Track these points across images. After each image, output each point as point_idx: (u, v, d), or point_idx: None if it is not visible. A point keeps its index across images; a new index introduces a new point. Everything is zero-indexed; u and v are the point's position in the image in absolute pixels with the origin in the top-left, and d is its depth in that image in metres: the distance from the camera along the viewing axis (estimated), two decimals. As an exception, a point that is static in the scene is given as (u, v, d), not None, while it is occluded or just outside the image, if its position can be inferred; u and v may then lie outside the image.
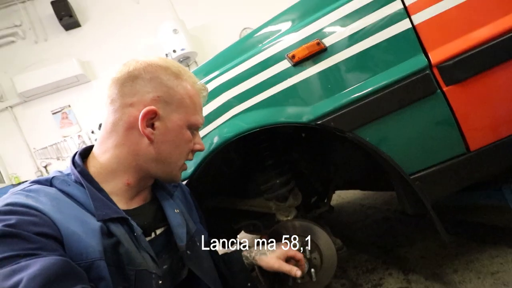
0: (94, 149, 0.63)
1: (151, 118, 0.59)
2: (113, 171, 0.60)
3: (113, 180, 0.60)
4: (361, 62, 0.86)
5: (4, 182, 4.26)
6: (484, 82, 0.81)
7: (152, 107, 0.58)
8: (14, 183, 4.16)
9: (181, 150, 0.65)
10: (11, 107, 4.34)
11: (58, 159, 4.41)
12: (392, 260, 1.36)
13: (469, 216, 1.47)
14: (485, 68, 0.80)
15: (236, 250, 0.88)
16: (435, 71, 0.83)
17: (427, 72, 0.83)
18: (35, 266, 0.38)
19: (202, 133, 0.96)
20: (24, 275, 0.37)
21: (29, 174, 4.35)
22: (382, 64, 0.86)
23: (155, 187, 0.72)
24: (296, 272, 0.80)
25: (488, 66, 0.80)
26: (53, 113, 4.40)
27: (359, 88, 0.86)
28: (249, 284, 0.83)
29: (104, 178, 0.59)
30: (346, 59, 0.86)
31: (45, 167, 4.43)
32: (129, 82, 0.59)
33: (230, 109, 0.93)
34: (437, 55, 0.83)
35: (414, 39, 0.84)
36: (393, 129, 0.87)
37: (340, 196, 2.70)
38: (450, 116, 0.85)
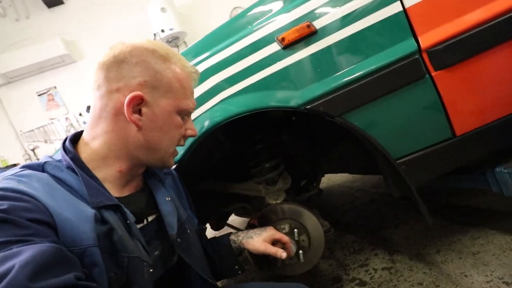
0: (84, 135, 0.61)
1: (137, 104, 0.57)
2: (104, 158, 0.58)
3: (105, 167, 0.59)
4: (351, 46, 0.85)
5: (-9, 165, 4.19)
6: (472, 67, 0.82)
7: (138, 93, 0.56)
8: (1, 166, 4.08)
9: (170, 136, 0.62)
10: (-6, 88, 4.19)
11: (46, 142, 4.32)
12: (378, 241, 1.40)
13: (454, 199, 1.52)
14: (474, 53, 0.81)
15: (224, 235, 0.89)
16: (424, 55, 0.83)
17: (416, 56, 0.83)
18: (27, 252, 0.37)
19: (192, 116, 0.95)
20: (16, 262, 0.36)
21: (17, 157, 4.27)
22: (372, 49, 0.85)
23: (146, 174, 0.71)
24: (282, 254, 0.81)
25: (477, 51, 0.80)
26: (38, 95, 4.26)
27: (348, 72, 0.85)
28: (236, 267, 0.84)
29: (96, 165, 0.58)
30: (336, 42, 0.85)
31: (33, 150, 4.34)
32: (114, 67, 0.57)
33: (219, 92, 0.92)
34: (427, 40, 0.82)
35: (404, 22, 0.83)
36: (381, 114, 0.87)
37: (330, 179, 2.74)
38: (438, 101, 0.85)
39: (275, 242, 0.87)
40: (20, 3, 4.19)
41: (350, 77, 0.85)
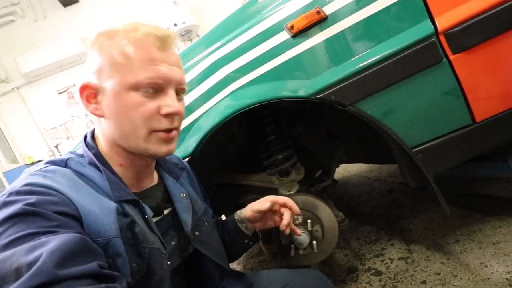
0: (95, 132, 0.63)
1: (91, 94, 0.55)
2: (108, 154, 0.60)
3: (112, 163, 0.60)
4: (363, 31, 0.82)
5: (18, 162, 4.40)
6: (493, 49, 0.77)
7: (85, 82, 0.55)
8: (27, 163, 4.29)
9: (131, 118, 0.54)
10: (17, 88, 4.37)
11: (68, 138, 4.49)
12: (395, 231, 1.38)
13: (474, 188, 1.47)
14: (495, 34, 0.76)
15: (230, 215, 0.87)
16: (442, 38, 0.79)
17: (433, 39, 0.79)
18: (54, 241, 0.39)
19: (202, 110, 0.95)
20: (44, 250, 0.38)
21: (41, 154, 4.47)
22: (385, 33, 0.82)
23: (161, 170, 0.72)
24: (284, 217, 0.77)
25: (498, 32, 0.76)
26: (59, 93, 4.42)
27: (360, 59, 0.83)
28: (246, 241, 0.82)
29: (110, 161, 0.59)
30: (347, 28, 0.82)
31: (56, 146, 4.52)
32: (88, 62, 0.58)
33: (229, 84, 0.91)
34: (444, 21, 0.78)
35: (420, 3, 0.80)
36: (396, 101, 0.84)
37: (346, 169, 2.70)
38: (456, 86, 0.82)
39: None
40: (37, 4, 4.31)
41: (363, 64, 0.82)
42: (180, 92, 0.60)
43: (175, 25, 3.86)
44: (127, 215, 0.54)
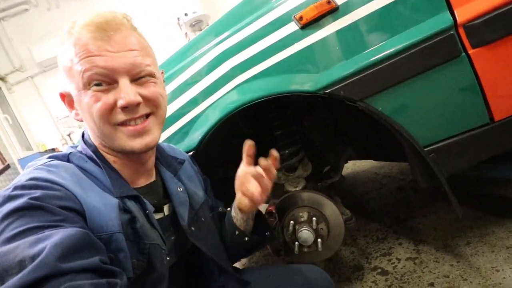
0: None
1: (69, 101, 0.57)
2: (103, 153, 0.59)
3: (109, 160, 0.59)
4: (377, 22, 0.78)
5: (32, 149, 4.51)
6: (516, 43, 0.72)
7: (61, 91, 0.57)
8: (41, 150, 4.38)
9: (92, 117, 0.52)
10: (31, 77, 4.44)
11: (80, 127, 4.55)
12: (404, 230, 1.35)
13: (488, 189, 1.41)
14: (519, 27, 0.71)
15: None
16: (461, 31, 0.74)
17: (452, 32, 0.74)
18: (57, 236, 0.40)
19: (207, 102, 0.93)
20: (47, 244, 0.38)
21: (55, 142, 4.56)
22: (400, 25, 0.77)
23: (159, 164, 0.71)
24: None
25: (523, 25, 0.71)
26: (71, 82, 4.47)
27: (373, 52, 0.78)
28: (237, 233, 0.75)
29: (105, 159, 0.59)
30: (360, 19, 0.78)
31: (69, 135, 4.61)
32: None
33: (235, 77, 0.89)
34: (464, 13, 0.73)
35: (439, -6, 0.75)
36: (409, 97, 0.80)
37: (356, 165, 2.66)
38: (475, 82, 0.77)
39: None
40: (50, -7, 4.34)
41: (375, 58, 0.78)
42: (145, 76, 0.55)
43: (186, 14, 3.83)
44: (128, 211, 0.54)
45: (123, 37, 0.53)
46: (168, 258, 0.60)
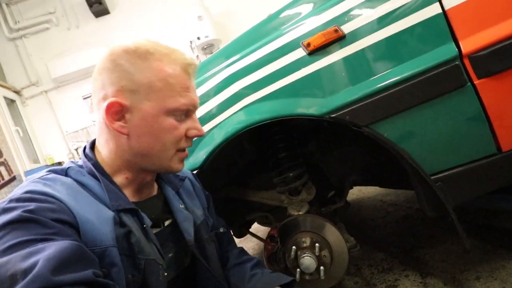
0: (96, 143, 0.63)
1: (118, 111, 0.55)
2: (112, 166, 0.60)
3: (116, 174, 0.60)
4: (383, 51, 0.80)
5: (39, 162, 4.56)
6: (522, 75, 0.73)
7: (114, 99, 0.54)
8: (48, 163, 4.43)
9: (163, 141, 0.57)
10: (46, 91, 4.58)
11: (87, 142, 4.62)
12: (410, 261, 1.30)
13: (499, 220, 1.37)
14: (524, 59, 0.72)
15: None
16: (466, 61, 0.75)
17: (457, 62, 0.76)
18: (50, 249, 0.40)
19: (214, 122, 0.95)
20: (40, 257, 0.38)
21: (62, 155, 4.62)
22: (406, 54, 0.79)
23: (160, 181, 0.71)
24: None
25: (528, 58, 0.71)
26: (84, 98, 4.59)
27: (379, 79, 0.80)
28: None
29: (110, 172, 0.60)
30: (366, 47, 0.80)
31: (76, 149, 4.66)
32: (98, 76, 0.57)
33: (242, 99, 0.91)
34: (469, 44, 0.75)
35: (444, 25, 0.76)
36: (415, 125, 0.80)
37: (361, 191, 2.61)
38: (481, 112, 0.77)
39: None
40: (71, 14, 4.56)
41: (381, 85, 0.79)
42: None
43: (198, 38, 3.97)
44: (124, 225, 0.54)
45: None
46: (166, 274, 0.59)
